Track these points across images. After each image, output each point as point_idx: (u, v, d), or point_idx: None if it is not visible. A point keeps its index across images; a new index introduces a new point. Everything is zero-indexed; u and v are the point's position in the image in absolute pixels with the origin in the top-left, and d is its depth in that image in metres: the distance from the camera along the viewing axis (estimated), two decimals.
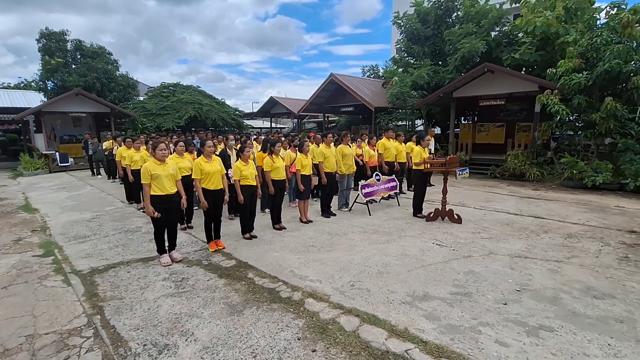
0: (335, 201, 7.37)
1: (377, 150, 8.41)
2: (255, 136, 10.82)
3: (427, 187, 7.17)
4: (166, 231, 4.70)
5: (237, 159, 5.53)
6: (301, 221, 6.46)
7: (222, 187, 5.10)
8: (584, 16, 11.22)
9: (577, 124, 10.81)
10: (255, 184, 5.47)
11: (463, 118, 17.53)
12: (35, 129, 17.49)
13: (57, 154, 15.36)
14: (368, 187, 7.12)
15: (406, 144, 8.65)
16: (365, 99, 16.41)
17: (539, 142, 11.71)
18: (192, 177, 5.02)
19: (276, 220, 6.16)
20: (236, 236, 5.69)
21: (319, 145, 6.91)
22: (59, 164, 15.05)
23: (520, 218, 6.64)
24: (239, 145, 6.03)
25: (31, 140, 17.69)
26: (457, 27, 14.42)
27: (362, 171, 8.24)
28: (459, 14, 15.52)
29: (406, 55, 17.01)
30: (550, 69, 10.28)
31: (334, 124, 26.73)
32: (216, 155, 5.40)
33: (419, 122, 18.04)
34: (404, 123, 17.44)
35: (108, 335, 3.10)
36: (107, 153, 11.98)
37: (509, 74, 11.86)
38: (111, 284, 4.12)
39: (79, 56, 19.92)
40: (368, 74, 24.36)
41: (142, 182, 4.44)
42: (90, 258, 4.95)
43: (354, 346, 2.87)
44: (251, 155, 5.70)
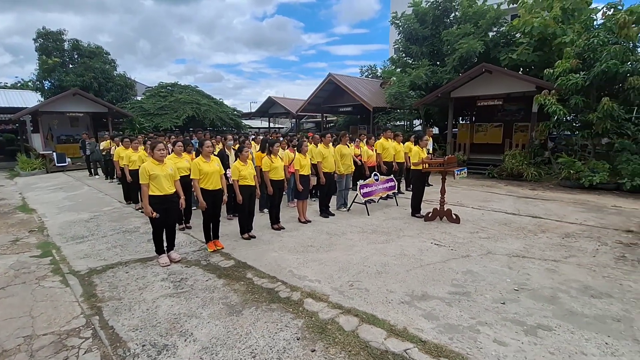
0: (333, 201, 7.38)
1: (376, 150, 8.41)
2: (253, 136, 10.78)
3: (426, 187, 7.19)
4: (165, 231, 4.69)
5: (236, 159, 5.52)
6: (300, 221, 6.47)
7: (221, 187, 5.10)
8: (581, 17, 11.31)
9: (574, 124, 10.85)
10: (253, 184, 5.47)
11: (461, 118, 17.59)
12: (32, 129, 17.39)
13: (54, 154, 15.29)
14: (366, 187, 7.13)
15: (404, 144, 8.65)
16: (364, 99, 16.44)
17: (536, 142, 11.77)
18: (191, 177, 5.01)
19: (275, 220, 6.16)
20: (235, 236, 5.68)
21: (317, 145, 6.93)
22: (57, 164, 14.98)
23: (518, 218, 6.66)
24: (237, 145, 6.03)
25: (28, 140, 17.63)
26: (454, 28, 14.47)
27: (361, 171, 8.24)
28: (456, 14, 15.58)
29: (404, 55, 17.05)
30: (548, 69, 10.32)
31: (332, 124, 26.72)
32: (214, 155, 5.40)
33: (417, 122, 18.13)
34: (402, 123, 17.51)
35: (107, 336, 3.10)
36: (104, 153, 11.93)
37: (507, 74, 11.90)
38: (109, 284, 4.10)
39: (76, 56, 19.84)
40: (366, 74, 24.42)
41: (140, 182, 4.42)
42: (88, 258, 4.93)
43: (353, 346, 2.88)
44: (250, 155, 5.68)
